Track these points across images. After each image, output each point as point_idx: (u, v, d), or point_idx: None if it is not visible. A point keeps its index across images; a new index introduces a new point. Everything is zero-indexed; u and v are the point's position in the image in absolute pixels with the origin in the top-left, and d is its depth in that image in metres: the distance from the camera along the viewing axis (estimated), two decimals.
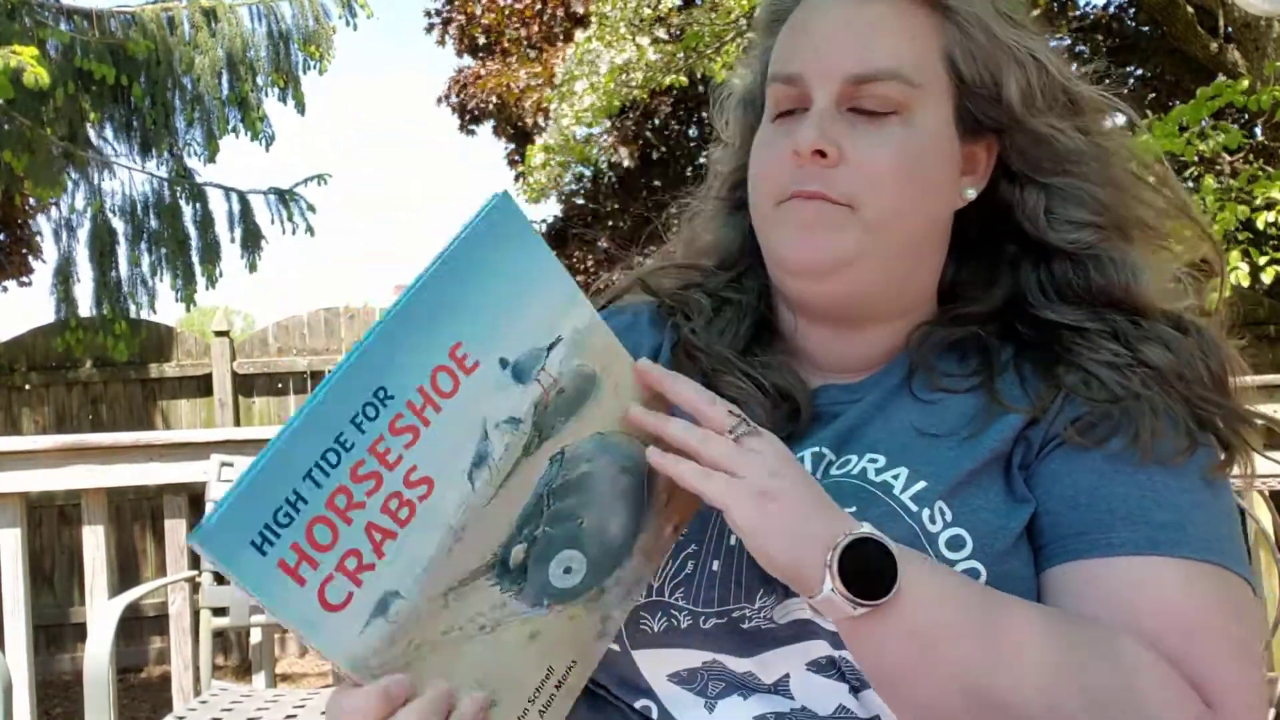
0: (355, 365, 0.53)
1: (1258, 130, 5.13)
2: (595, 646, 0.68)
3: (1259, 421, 0.75)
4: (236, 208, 5.69)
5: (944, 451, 0.73)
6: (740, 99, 0.89)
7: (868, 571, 0.60)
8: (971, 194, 0.79)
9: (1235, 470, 0.74)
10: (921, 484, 0.71)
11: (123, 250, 5.55)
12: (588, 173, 7.63)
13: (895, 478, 0.72)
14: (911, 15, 0.75)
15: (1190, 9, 5.10)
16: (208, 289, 5.70)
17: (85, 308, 5.43)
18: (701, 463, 0.64)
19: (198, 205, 5.64)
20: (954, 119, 0.76)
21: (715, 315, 0.85)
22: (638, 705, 0.75)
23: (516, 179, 7.56)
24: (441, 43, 8.37)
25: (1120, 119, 0.82)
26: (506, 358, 0.59)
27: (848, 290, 0.76)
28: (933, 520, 0.70)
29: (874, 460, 0.74)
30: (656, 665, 0.74)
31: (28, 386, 5.16)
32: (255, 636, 2.80)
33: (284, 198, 5.68)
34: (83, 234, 5.59)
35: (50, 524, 4.99)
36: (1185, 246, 0.80)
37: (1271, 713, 2.76)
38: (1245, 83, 3.86)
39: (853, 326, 0.80)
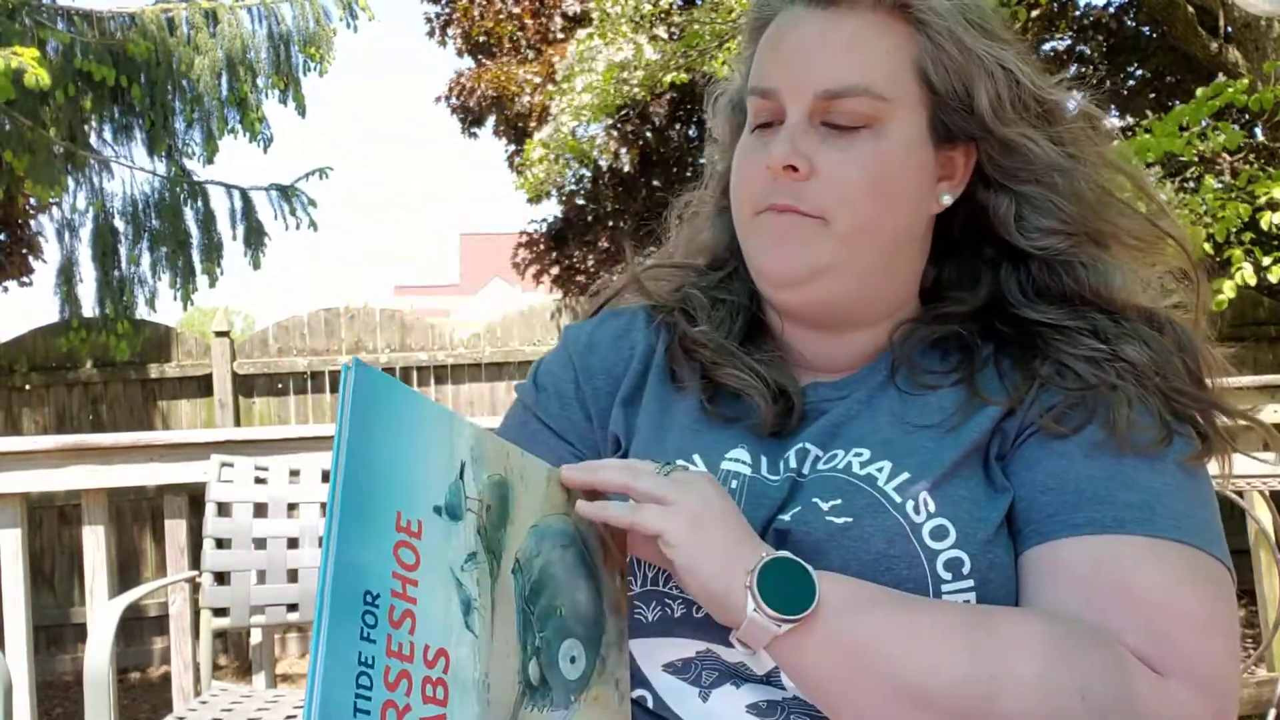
0: (334, 586, 0.53)
1: (1258, 130, 5.13)
2: (623, 709, 0.71)
3: (1234, 418, 0.76)
4: (239, 205, 5.70)
5: (926, 444, 0.75)
6: (730, 101, 0.90)
7: (786, 591, 0.63)
8: (948, 200, 0.81)
9: (1214, 469, 0.75)
10: (905, 475, 0.73)
11: (124, 249, 5.55)
12: (587, 173, 7.63)
13: (879, 470, 0.74)
14: (884, 28, 0.76)
15: (1190, 9, 5.10)
16: (210, 287, 5.70)
17: (88, 307, 5.43)
18: (635, 498, 0.68)
19: (199, 203, 5.64)
20: (928, 128, 0.77)
21: (710, 313, 0.87)
22: (634, 695, 0.76)
23: (516, 174, 7.56)
24: (442, 44, 8.37)
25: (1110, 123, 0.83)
26: (438, 504, 0.61)
27: (824, 298, 0.78)
28: (917, 511, 0.71)
29: (859, 454, 0.75)
30: (651, 655, 0.75)
31: (28, 387, 5.16)
32: (255, 637, 2.80)
33: (285, 193, 5.69)
34: (85, 234, 5.59)
35: (50, 524, 4.99)
36: (1167, 254, 0.81)
37: (1273, 713, 2.76)
38: (1245, 82, 3.86)
39: (834, 330, 0.82)
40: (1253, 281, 3.82)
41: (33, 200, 5.68)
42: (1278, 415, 3.21)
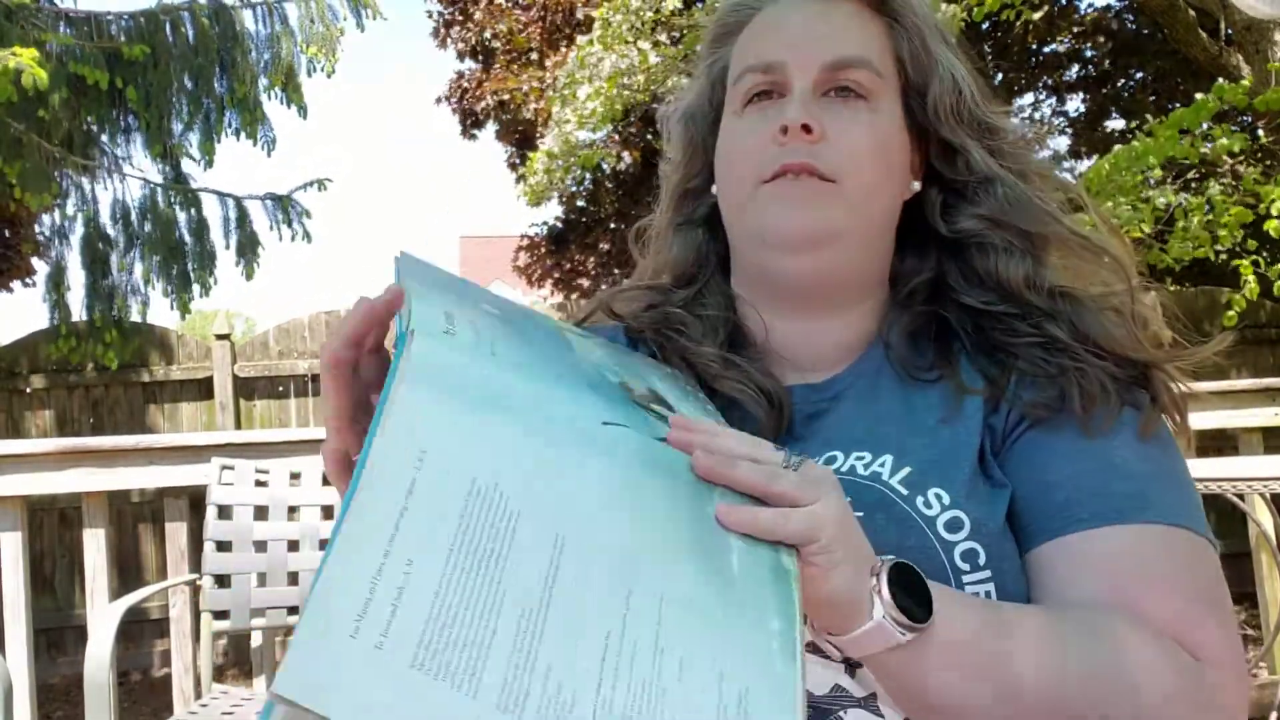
0: None
1: (1259, 132, 5.13)
2: None
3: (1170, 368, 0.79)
4: (233, 214, 5.67)
5: (924, 438, 0.76)
6: (681, 115, 0.93)
7: (909, 595, 0.60)
8: (916, 186, 0.85)
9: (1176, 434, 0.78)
10: (907, 469, 0.74)
11: (116, 257, 5.52)
12: (589, 176, 7.63)
13: (882, 466, 0.75)
14: (869, 19, 0.83)
15: (1191, 11, 5.10)
16: (202, 296, 5.66)
17: (79, 314, 5.41)
18: (771, 500, 0.61)
19: (193, 211, 5.61)
20: (903, 114, 0.83)
21: (690, 329, 0.87)
22: None
23: (517, 182, 7.57)
24: (443, 46, 8.37)
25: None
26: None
27: (831, 265, 0.80)
28: (928, 505, 0.72)
29: (861, 457, 0.76)
30: None
31: (29, 390, 5.16)
32: (256, 640, 2.80)
33: (281, 203, 5.66)
34: (75, 240, 5.56)
35: (51, 527, 4.99)
36: (1105, 265, 0.83)
37: (1274, 715, 2.76)
38: (1247, 83, 3.86)
39: (823, 313, 0.84)
40: (1255, 296, 3.82)
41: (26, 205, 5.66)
42: (1278, 419, 3.21)
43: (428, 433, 0.48)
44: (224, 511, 2.47)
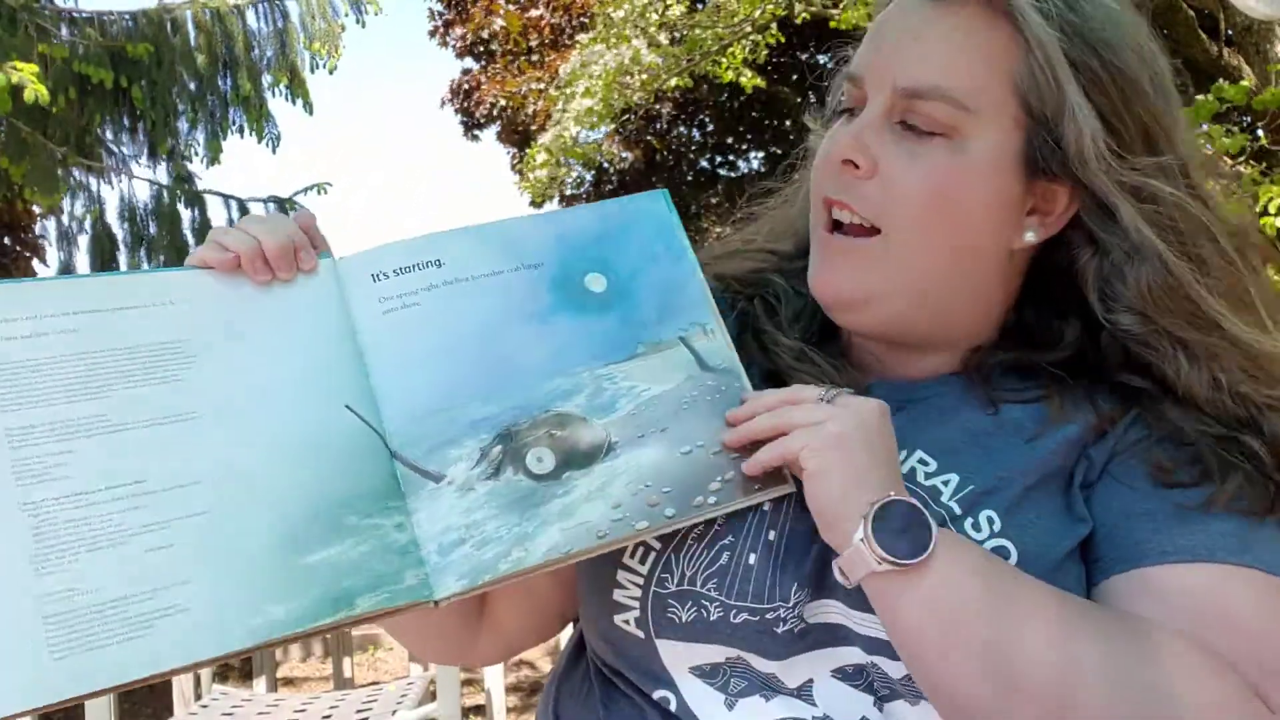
0: None
1: (1259, 132, 5.13)
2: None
3: None
4: (237, 215, 5.70)
5: (999, 457, 0.71)
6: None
7: (902, 534, 0.61)
8: (1032, 237, 0.73)
9: None
10: (970, 488, 0.70)
11: (123, 257, 5.56)
12: (589, 176, 7.64)
13: (945, 483, 0.71)
14: (989, 33, 0.69)
15: (1191, 11, 5.10)
16: None
17: None
18: (788, 429, 0.66)
19: (196, 212, 5.65)
20: (1021, 153, 0.70)
21: (791, 304, 0.83)
22: (655, 696, 0.74)
23: (518, 179, 7.58)
24: (444, 44, 8.38)
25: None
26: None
27: (879, 322, 0.75)
28: (977, 528, 0.69)
29: (925, 463, 0.72)
30: (678, 656, 0.73)
31: None
32: None
33: (283, 207, 5.68)
34: (83, 241, 5.60)
35: None
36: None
37: None
38: (1246, 84, 3.86)
39: (905, 349, 0.79)
40: None
41: (35, 206, 5.70)
42: None
43: None
44: None
